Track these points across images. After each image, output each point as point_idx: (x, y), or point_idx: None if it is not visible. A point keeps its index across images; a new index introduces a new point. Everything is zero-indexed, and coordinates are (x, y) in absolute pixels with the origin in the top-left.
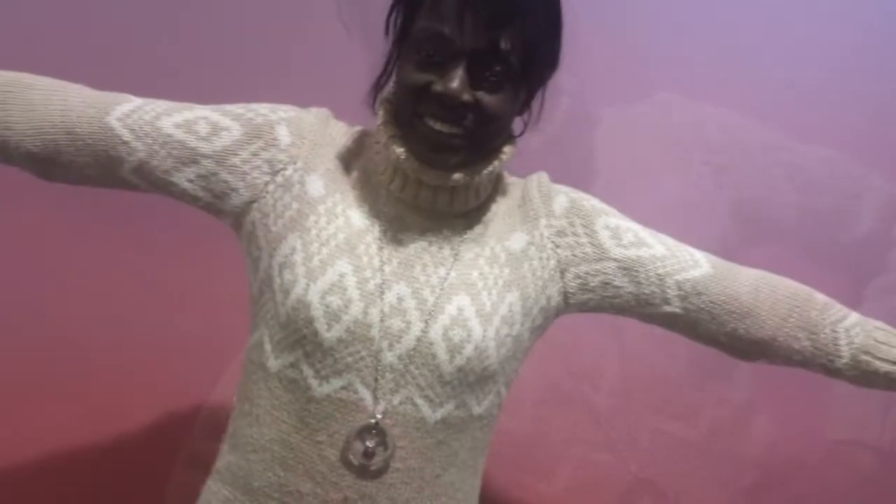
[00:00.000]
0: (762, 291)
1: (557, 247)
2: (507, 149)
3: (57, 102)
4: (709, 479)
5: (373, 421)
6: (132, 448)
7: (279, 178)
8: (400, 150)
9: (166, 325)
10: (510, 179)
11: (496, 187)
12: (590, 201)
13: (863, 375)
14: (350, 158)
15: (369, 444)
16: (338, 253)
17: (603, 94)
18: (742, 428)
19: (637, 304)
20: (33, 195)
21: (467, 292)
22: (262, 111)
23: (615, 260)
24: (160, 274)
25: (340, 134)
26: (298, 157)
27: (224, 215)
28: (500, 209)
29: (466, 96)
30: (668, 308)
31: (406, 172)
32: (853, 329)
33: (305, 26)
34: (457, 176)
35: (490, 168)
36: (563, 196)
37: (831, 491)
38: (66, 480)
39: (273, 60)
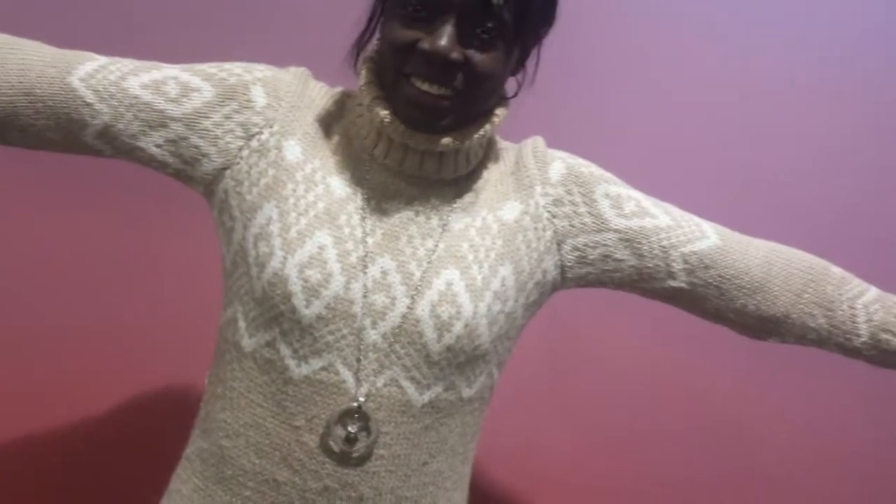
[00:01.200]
0: (774, 265)
1: (554, 217)
2: (499, 111)
3: (14, 61)
4: (722, 471)
5: (355, 404)
6: (99, 431)
7: (254, 143)
8: (384, 113)
9: (131, 301)
10: (503, 144)
11: (488, 153)
12: (589, 167)
13: (882, 355)
14: (330, 122)
15: (351, 429)
16: (317, 223)
17: (625, 64)
18: (759, 417)
19: (639, 279)
20: None
21: (456, 266)
22: (235, 71)
23: (616, 231)
24: (123, 245)
25: (320, 95)
26: (275, 121)
27: (194, 183)
28: (493, 176)
29: (456, 55)
30: (672, 283)
31: (391, 137)
32: (872, 305)
33: None
34: (445, 140)
35: (481, 132)
36: (560, 162)
37: (850, 487)
38: (34, 465)
39: (248, 16)
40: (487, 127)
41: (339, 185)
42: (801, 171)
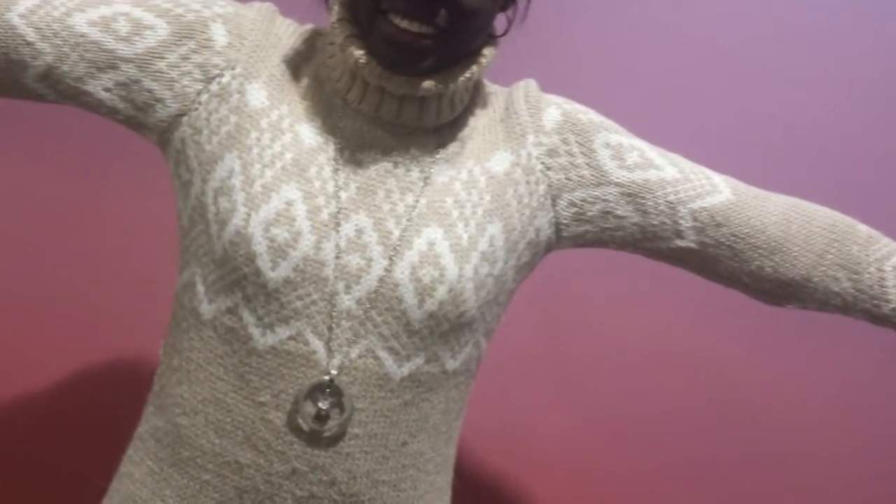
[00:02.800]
0: (794, 222)
1: (548, 169)
2: (487, 51)
3: None
4: (731, 452)
5: (326, 378)
6: (40, 408)
7: (214, 87)
8: (359, 53)
9: (77, 262)
10: (492, 88)
11: (475, 98)
12: (587, 114)
13: None
14: (299, 63)
15: (322, 405)
16: (284, 176)
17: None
18: (772, 392)
19: (643, 238)
20: None
21: (440, 223)
22: (193, 6)
23: (617, 184)
24: (68, 199)
25: (287, 34)
26: (237, 62)
27: (148, 131)
28: (480, 124)
29: None
30: (680, 242)
31: (366, 79)
32: None
33: None
34: (427, 84)
35: (467, 74)
36: (556, 108)
37: (869, 470)
38: None
39: None
40: (474, 69)
41: (308, 134)
42: (820, 116)
